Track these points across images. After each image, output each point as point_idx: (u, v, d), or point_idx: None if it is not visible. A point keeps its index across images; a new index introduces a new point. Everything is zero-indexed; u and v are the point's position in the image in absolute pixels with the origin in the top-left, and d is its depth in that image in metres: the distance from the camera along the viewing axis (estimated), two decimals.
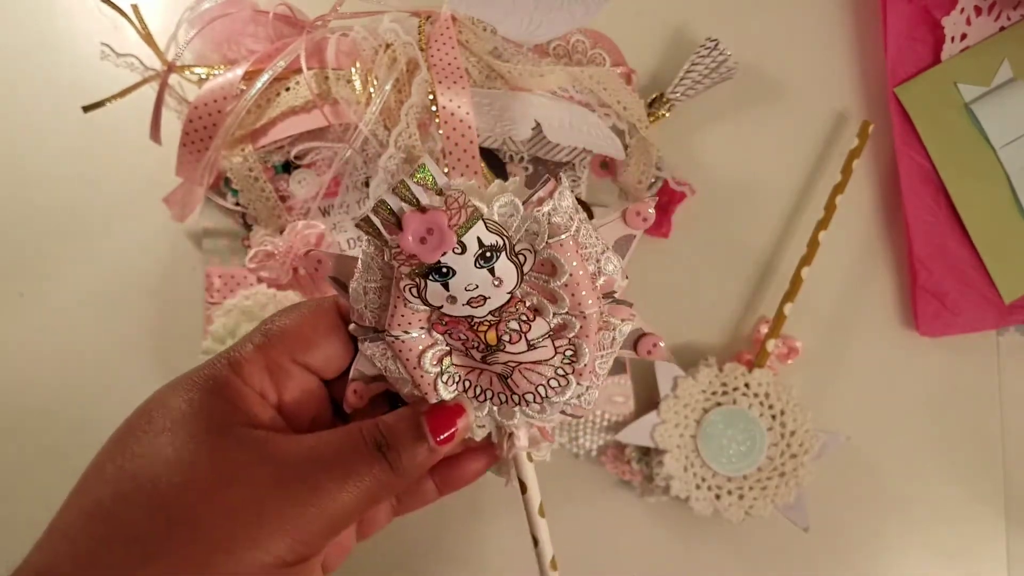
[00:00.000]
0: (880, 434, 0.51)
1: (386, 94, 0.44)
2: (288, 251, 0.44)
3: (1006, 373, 0.51)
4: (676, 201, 0.49)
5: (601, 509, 0.51)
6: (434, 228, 0.25)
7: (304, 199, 0.46)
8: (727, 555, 0.51)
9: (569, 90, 0.47)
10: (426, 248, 0.25)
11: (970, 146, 0.50)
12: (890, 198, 0.52)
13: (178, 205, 0.45)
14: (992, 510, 0.51)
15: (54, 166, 0.50)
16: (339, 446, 0.27)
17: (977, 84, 0.50)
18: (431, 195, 0.25)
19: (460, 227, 0.25)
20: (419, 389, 0.28)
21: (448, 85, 0.43)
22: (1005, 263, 0.50)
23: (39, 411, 0.50)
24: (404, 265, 0.26)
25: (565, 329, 0.27)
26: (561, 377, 0.27)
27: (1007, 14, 0.50)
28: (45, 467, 0.50)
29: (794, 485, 0.48)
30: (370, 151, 0.45)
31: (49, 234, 0.50)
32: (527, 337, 0.27)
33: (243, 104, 0.43)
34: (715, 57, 0.47)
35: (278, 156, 0.45)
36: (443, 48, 0.44)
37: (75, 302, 0.50)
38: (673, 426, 0.48)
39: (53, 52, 0.51)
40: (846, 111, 0.52)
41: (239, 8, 0.45)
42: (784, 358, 0.50)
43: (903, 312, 0.52)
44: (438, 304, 0.26)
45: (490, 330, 0.27)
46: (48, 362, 0.50)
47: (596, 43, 0.49)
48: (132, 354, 0.50)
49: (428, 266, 0.25)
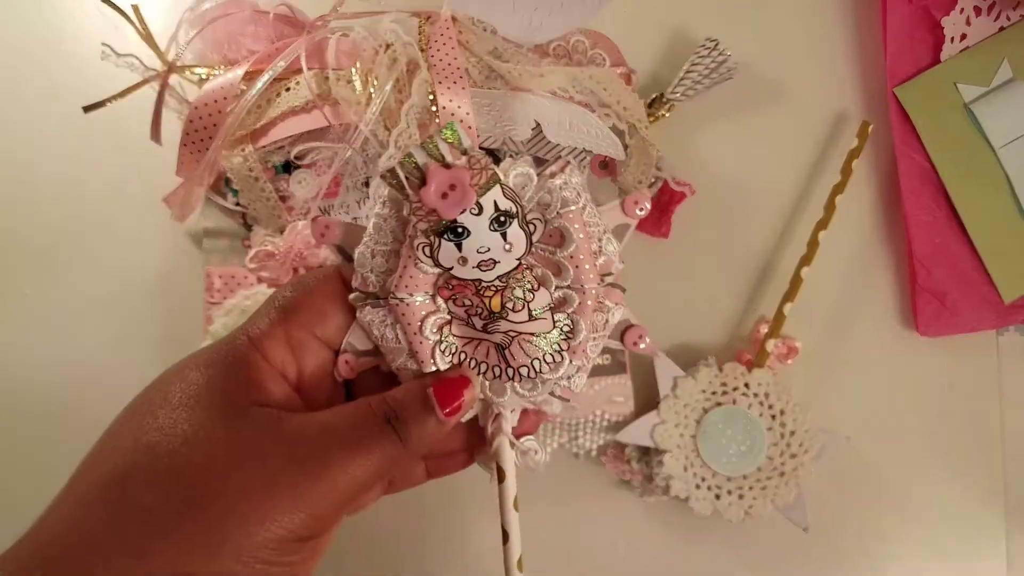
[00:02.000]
0: (880, 434, 0.51)
1: (386, 94, 0.44)
2: (288, 251, 0.44)
3: (1006, 373, 0.52)
4: (676, 201, 0.49)
5: (601, 509, 0.51)
6: (457, 184, 0.26)
7: (304, 199, 0.46)
8: (727, 555, 0.51)
9: (569, 90, 0.47)
10: (447, 203, 0.26)
11: (970, 146, 0.50)
12: (890, 198, 0.52)
13: (178, 205, 0.45)
14: (992, 510, 0.51)
15: (55, 166, 0.50)
16: (351, 420, 0.27)
17: (977, 84, 0.50)
18: (456, 154, 0.26)
19: (480, 187, 0.26)
20: (416, 357, 0.28)
21: (448, 85, 0.43)
22: (1005, 263, 0.50)
23: (40, 410, 0.50)
24: (422, 221, 0.26)
25: (565, 304, 0.28)
26: (556, 353, 0.28)
27: (1007, 14, 0.50)
28: (45, 467, 0.50)
29: (794, 485, 0.48)
30: (370, 151, 0.45)
31: (50, 234, 0.50)
32: (529, 306, 0.27)
33: (243, 104, 0.43)
34: (715, 57, 0.47)
35: (278, 156, 0.45)
36: (443, 48, 0.44)
37: (76, 302, 0.50)
38: (673, 426, 0.48)
39: (53, 52, 0.51)
40: (846, 111, 0.52)
41: (239, 8, 0.45)
42: (784, 358, 0.50)
43: (903, 312, 0.52)
44: (448, 265, 0.27)
45: (495, 296, 0.27)
46: (50, 361, 0.50)
47: (596, 43, 0.49)
48: (132, 354, 0.50)
49: (444, 224, 0.26)
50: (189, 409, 0.26)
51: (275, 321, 0.29)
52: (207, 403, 0.27)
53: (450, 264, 0.27)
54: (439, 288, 0.28)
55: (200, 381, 0.27)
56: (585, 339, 0.28)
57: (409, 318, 0.28)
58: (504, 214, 0.26)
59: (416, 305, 0.28)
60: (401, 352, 0.28)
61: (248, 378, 0.28)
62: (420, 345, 0.28)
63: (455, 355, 0.28)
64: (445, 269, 0.27)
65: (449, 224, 0.26)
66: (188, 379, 0.27)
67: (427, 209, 0.26)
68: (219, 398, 0.27)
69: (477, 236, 0.26)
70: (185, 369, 0.28)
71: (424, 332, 0.28)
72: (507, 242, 0.27)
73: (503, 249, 0.27)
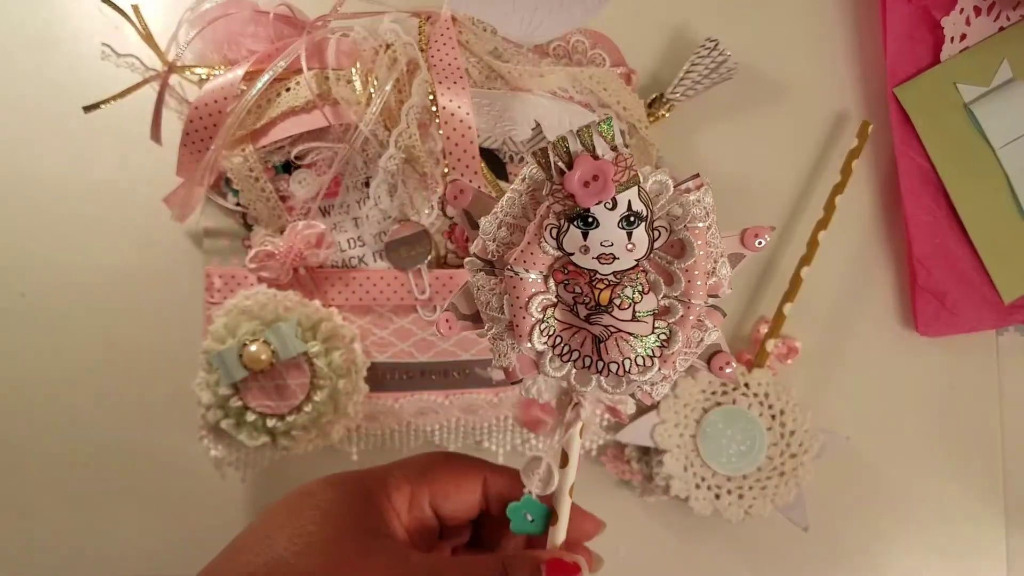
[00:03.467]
0: (880, 434, 0.51)
1: (386, 94, 0.44)
2: (288, 251, 0.44)
3: (1006, 373, 0.52)
4: None
5: (601, 509, 0.51)
6: (600, 176, 0.26)
7: (304, 199, 0.46)
8: (727, 555, 0.51)
9: (569, 90, 0.47)
10: (587, 192, 0.27)
11: (969, 146, 0.50)
12: (890, 198, 0.52)
13: (178, 205, 0.45)
14: (992, 510, 0.51)
15: (55, 166, 0.50)
16: (464, 568, 0.30)
17: (977, 84, 0.50)
18: (606, 148, 0.27)
19: (620, 184, 0.27)
20: (515, 331, 0.29)
21: (448, 85, 0.43)
22: (1005, 263, 0.50)
23: (40, 411, 0.50)
24: (558, 203, 0.27)
25: (668, 313, 0.29)
26: (648, 358, 0.29)
27: (1007, 14, 0.50)
28: (45, 467, 0.50)
29: (794, 485, 0.48)
30: (370, 151, 0.45)
31: (50, 234, 0.50)
32: (635, 307, 0.28)
33: (243, 104, 0.43)
34: (715, 57, 0.47)
35: (278, 156, 0.45)
36: (443, 48, 0.44)
37: (76, 302, 0.50)
38: (673, 426, 0.48)
39: (53, 52, 0.51)
40: (846, 111, 0.52)
41: (239, 8, 0.45)
42: (783, 358, 0.50)
43: (903, 312, 0.52)
44: (570, 251, 0.28)
45: (606, 290, 0.28)
46: (49, 362, 0.50)
47: (596, 43, 0.49)
48: (133, 354, 0.50)
49: (578, 211, 0.27)
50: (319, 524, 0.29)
51: (409, 480, 0.33)
52: (341, 523, 0.30)
53: (572, 250, 0.28)
54: (554, 271, 0.29)
55: (334, 498, 0.30)
56: (679, 351, 0.29)
57: (519, 292, 0.29)
58: (635, 215, 0.27)
59: (529, 281, 0.29)
60: (501, 323, 0.29)
61: (380, 508, 0.31)
62: (523, 320, 0.29)
63: (552, 337, 0.29)
64: (566, 254, 0.28)
65: (582, 212, 0.27)
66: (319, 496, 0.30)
67: (566, 192, 0.27)
68: (352, 519, 0.30)
69: (605, 229, 0.27)
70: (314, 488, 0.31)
71: (530, 308, 0.28)
72: (631, 242, 0.27)
73: (625, 248, 0.27)
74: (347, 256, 0.47)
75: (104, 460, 0.50)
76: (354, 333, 0.45)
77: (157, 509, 0.50)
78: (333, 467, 0.39)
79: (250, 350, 0.42)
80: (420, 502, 0.33)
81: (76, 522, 0.50)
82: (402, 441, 0.48)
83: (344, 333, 0.45)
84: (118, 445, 0.50)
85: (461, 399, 0.47)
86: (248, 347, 0.42)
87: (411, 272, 0.46)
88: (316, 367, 0.43)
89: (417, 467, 0.34)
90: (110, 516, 0.50)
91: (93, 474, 0.50)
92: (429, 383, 0.47)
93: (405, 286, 0.46)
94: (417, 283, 0.46)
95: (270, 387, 0.43)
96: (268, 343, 0.42)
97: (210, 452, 0.45)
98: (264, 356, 0.42)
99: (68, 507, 0.50)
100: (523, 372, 0.30)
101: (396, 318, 0.47)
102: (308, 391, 0.43)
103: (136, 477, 0.50)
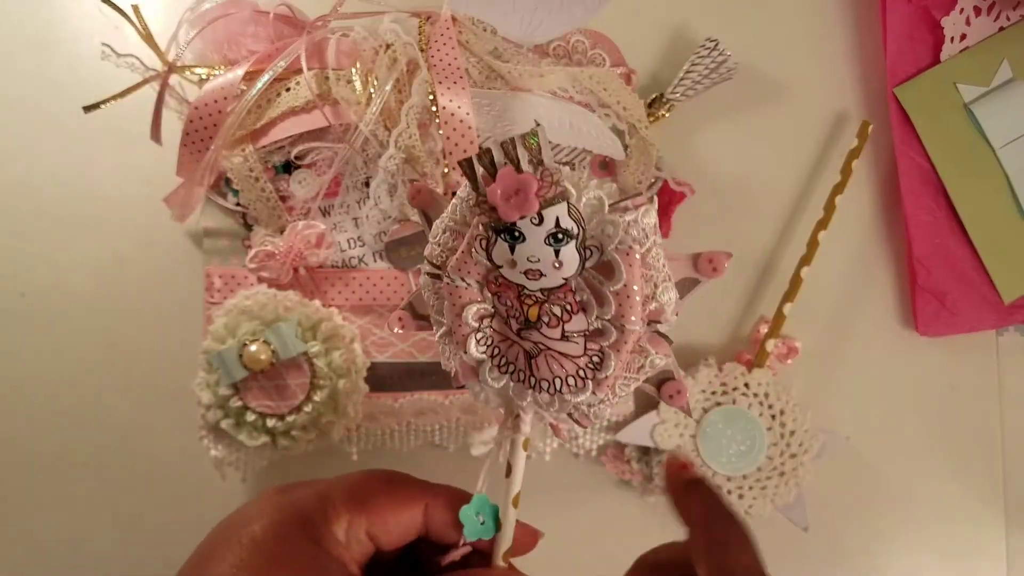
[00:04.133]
0: (880, 434, 0.51)
1: (386, 94, 0.44)
2: (288, 251, 0.44)
3: (1006, 373, 0.52)
4: (676, 201, 0.49)
5: (601, 509, 0.51)
6: (522, 190, 0.26)
7: (304, 199, 0.46)
8: None
9: (569, 90, 0.47)
10: (508, 206, 0.26)
11: (969, 146, 0.50)
12: (890, 198, 0.52)
13: (178, 205, 0.45)
14: (992, 510, 0.51)
15: (54, 166, 0.50)
16: None
17: (977, 84, 0.50)
18: (533, 162, 0.26)
19: (545, 200, 0.26)
20: (454, 337, 0.29)
21: (448, 85, 0.43)
22: (1005, 263, 0.50)
23: (40, 411, 0.50)
24: (484, 215, 0.27)
25: (601, 336, 0.28)
26: (580, 379, 0.28)
27: (1007, 14, 0.50)
28: (45, 467, 0.50)
29: (794, 485, 0.48)
30: (370, 151, 0.45)
31: (49, 234, 0.50)
32: (564, 326, 0.28)
33: (243, 104, 0.43)
34: (715, 57, 0.47)
35: (278, 156, 0.45)
36: (443, 48, 0.44)
37: (76, 302, 0.50)
38: (673, 426, 0.48)
39: (53, 52, 0.51)
40: (846, 111, 0.52)
41: (239, 8, 0.45)
42: (783, 358, 0.50)
43: (903, 312, 0.52)
44: (499, 263, 0.28)
45: (534, 306, 0.28)
46: (49, 362, 0.50)
47: (596, 43, 0.49)
48: (133, 354, 0.50)
49: (503, 224, 0.27)
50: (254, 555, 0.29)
51: (348, 506, 0.32)
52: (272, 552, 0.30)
53: (500, 263, 0.28)
54: (488, 281, 0.29)
55: (267, 527, 0.30)
56: (614, 376, 0.28)
57: (454, 299, 0.29)
58: (563, 232, 0.27)
59: (464, 290, 0.28)
60: (444, 327, 0.29)
61: (317, 537, 0.31)
62: (459, 327, 0.29)
63: (491, 348, 0.29)
64: (495, 266, 0.28)
65: (506, 225, 0.27)
66: (254, 527, 0.31)
67: (490, 205, 0.27)
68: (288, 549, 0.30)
69: (531, 245, 0.27)
70: (251, 516, 0.31)
71: (464, 317, 0.28)
72: (558, 259, 0.27)
73: (552, 265, 0.27)
74: (347, 256, 0.47)
75: (104, 460, 0.50)
76: (354, 333, 0.45)
77: (157, 509, 0.50)
78: (333, 467, 0.39)
79: (250, 350, 0.42)
80: (357, 532, 0.32)
81: (76, 522, 0.50)
82: (402, 441, 0.48)
83: (344, 333, 0.45)
84: (118, 445, 0.50)
85: (461, 399, 0.47)
86: (248, 347, 0.42)
87: (411, 272, 0.46)
88: (316, 367, 0.43)
89: (356, 492, 0.33)
90: (110, 516, 0.50)
91: (93, 474, 0.50)
92: (429, 383, 0.47)
93: (405, 286, 0.46)
94: (417, 283, 0.46)
95: (270, 387, 0.43)
96: (268, 343, 0.42)
97: (210, 452, 0.45)
98: (264, 356, 0.42)
99: (68, 507, 0.50)
100: (464, 379, 0.29)
101: None
102: (308, 391, 0.43)
103: (136, 477, 0.50)
